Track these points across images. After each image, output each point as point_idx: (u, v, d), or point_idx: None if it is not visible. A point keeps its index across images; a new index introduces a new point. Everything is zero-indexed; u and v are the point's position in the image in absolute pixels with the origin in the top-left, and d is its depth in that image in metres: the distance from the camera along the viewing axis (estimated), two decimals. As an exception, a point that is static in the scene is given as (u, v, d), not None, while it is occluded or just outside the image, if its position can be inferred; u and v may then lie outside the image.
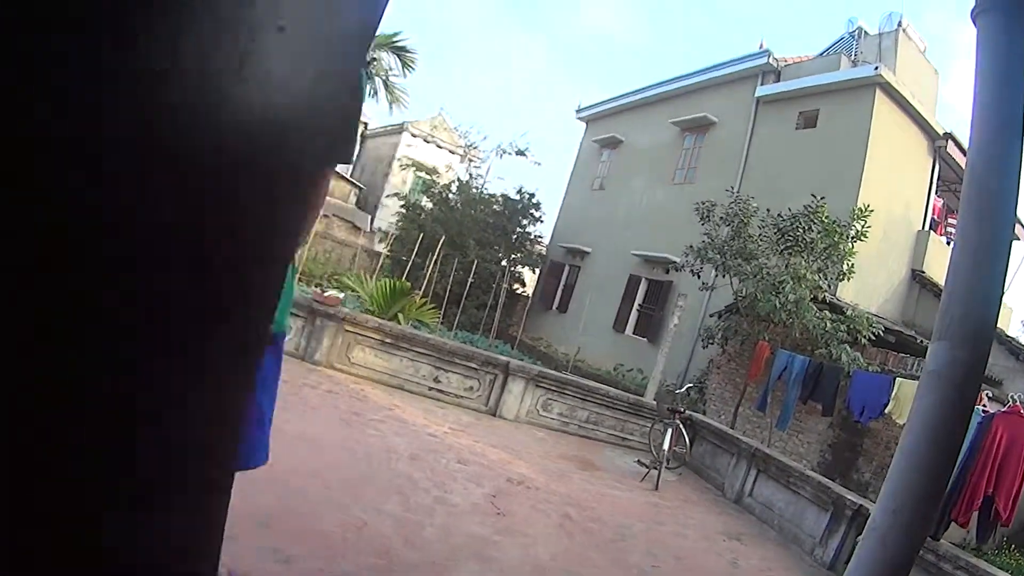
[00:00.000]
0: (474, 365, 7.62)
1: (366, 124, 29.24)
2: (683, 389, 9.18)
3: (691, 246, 10.68)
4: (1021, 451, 6.31)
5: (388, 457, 4.82)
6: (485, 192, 21.04)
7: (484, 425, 7.04)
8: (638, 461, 7.40)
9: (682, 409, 7.82)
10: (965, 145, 12.83)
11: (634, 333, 15.93)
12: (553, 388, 8.01)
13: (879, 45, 14.19)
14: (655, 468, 6.97)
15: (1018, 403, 6.49)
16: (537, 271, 21.54)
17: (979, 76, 2.73)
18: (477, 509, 4.38)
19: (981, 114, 2.70)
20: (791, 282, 9.13)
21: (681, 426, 7.48)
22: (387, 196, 24.25)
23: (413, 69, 14.79)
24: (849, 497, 6.35)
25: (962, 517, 5.90)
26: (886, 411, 7.62)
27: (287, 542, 3.00)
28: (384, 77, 14.63)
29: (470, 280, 15.78)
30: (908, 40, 14.23)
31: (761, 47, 15.93)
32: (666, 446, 6.98)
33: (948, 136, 13.27)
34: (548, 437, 7.52)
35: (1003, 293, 2.65)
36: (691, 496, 7.11)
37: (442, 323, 12.62)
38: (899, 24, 14.20)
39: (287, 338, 1.60)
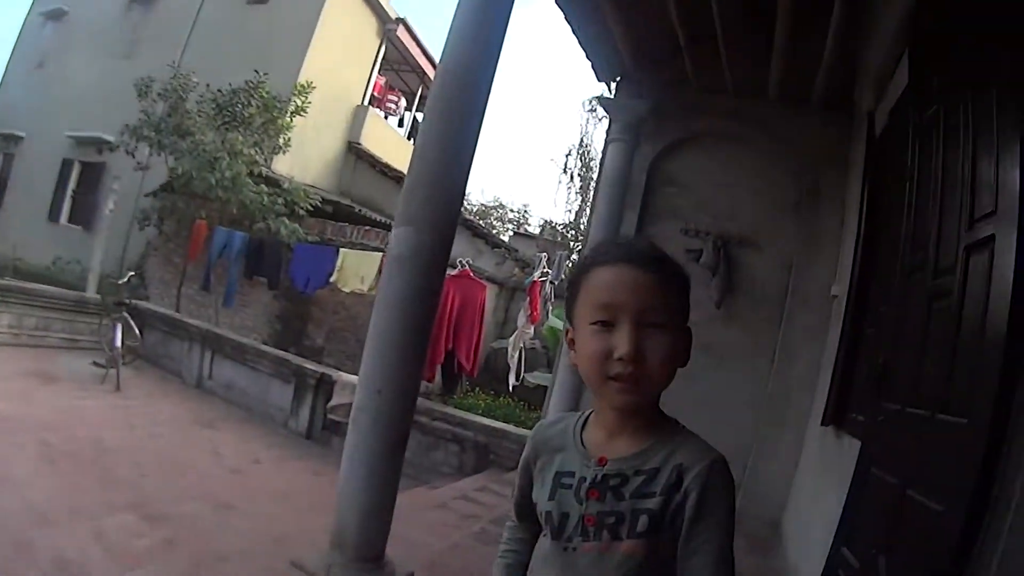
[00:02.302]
0: None
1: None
2: (125, 279, 8.45)
3: (127, 124, 9.98)
4: (474, 310, 7.51)
5: None
6: None
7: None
8: (94, 363, 7.05)
9: (127, 300, 7.66)
10: (416, 31, 14.20)
11: (69, 222, 14.71)
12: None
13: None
14: (112, 367, 6.72)
15: (467, 267, 7.67)
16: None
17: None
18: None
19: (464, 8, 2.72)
20: (227, 158, 9.15)
21: (129, 318, 7.21)
22: None
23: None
24: (309, 367, 6.70)
25: (428, 373, 6.72)
26: (331, 280, 7.81)
27: None
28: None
29: None
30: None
31: None
32: (118, 342, 6.77)
33: (400, 21, 14.34)
34: (1, 352, 6.93)
35: (467, 181, 2.83)
36: (154, 390, 7.02)
37: None
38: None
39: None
